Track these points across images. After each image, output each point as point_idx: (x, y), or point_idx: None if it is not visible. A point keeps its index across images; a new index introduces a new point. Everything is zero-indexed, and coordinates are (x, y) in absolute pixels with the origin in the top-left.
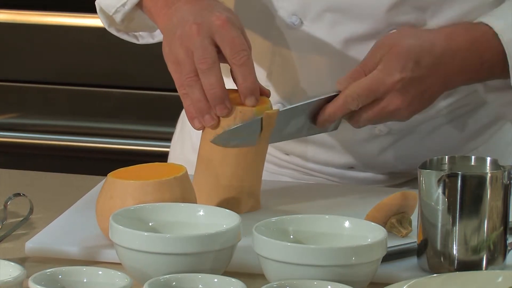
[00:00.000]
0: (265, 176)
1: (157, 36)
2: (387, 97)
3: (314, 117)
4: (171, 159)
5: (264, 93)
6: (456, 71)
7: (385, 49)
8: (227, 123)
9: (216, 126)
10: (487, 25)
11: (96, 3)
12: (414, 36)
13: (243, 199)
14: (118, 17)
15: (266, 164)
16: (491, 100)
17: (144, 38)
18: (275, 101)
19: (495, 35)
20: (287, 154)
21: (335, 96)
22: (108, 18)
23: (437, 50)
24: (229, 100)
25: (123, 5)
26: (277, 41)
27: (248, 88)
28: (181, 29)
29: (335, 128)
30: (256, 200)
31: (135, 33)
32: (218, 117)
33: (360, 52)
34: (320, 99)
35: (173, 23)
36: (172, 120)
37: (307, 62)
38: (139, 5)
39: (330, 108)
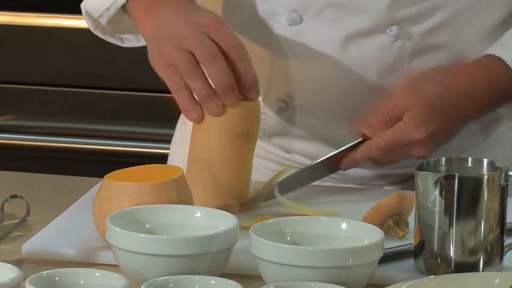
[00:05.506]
0: (266, 174)
1: (143, 40)
2: (412, 149)
3: (333, 162)
4: (171, 161)
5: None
6: (477, 109)
7: (411, 98)
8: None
9: (220, 114)
10: (499, 57)
11: (81, 6)
12: (437, 83)
13: (233, 200)
14: (103, 21)
15: (266, 162)
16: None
17: (130, 41)
18: (275, 100)
19: (508, 66)
20: (288, 152)
21: (356, 141)
22: (94, 20)
23: (461, 95)
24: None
25: (107, 9)
26: (277, 38)
27: (251, 81)
28: (171, 32)
29: None
30: (245, 201)
31: (121, 36)
32: (223, 105)
33: (361, 48)
34: (341, 150)
35: (159, 28)
36: (170, 122)
37: (308, 59)
38: (123, 9)
39: (357, 156)
